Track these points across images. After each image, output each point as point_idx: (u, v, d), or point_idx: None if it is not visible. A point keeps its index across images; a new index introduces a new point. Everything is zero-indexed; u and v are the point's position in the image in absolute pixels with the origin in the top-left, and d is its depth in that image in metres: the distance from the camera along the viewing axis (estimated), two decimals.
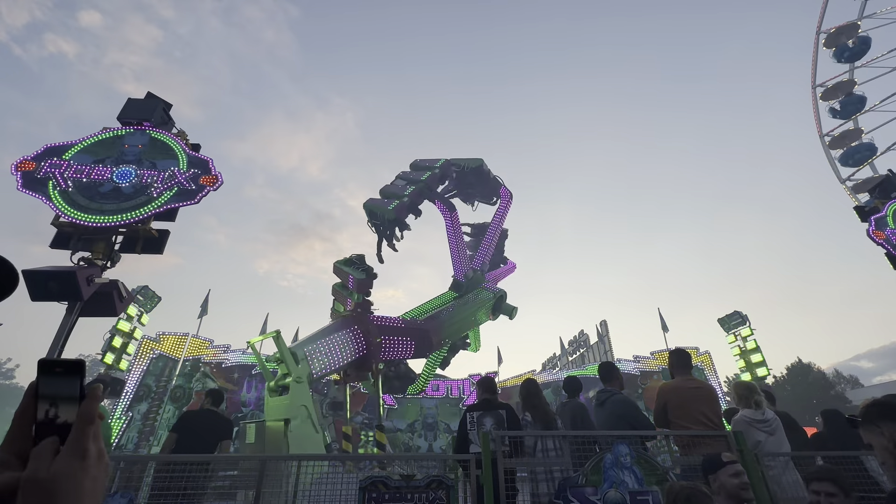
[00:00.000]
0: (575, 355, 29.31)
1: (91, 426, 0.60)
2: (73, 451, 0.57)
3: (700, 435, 4.01)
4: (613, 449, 3.56)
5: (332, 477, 3.68)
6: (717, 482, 2.71)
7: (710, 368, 19.19)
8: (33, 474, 0.54)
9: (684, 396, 4.41)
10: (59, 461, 0.56)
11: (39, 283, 4.76)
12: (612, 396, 4.83)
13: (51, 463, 0.56)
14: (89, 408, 0.61)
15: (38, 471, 0.55)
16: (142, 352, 15.36)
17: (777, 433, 4.04)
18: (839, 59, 27.68)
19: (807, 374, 44.67)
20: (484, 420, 4.72)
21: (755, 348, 17.42)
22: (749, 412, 4.16)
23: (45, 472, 0.55)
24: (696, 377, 4.80)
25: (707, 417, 4.26)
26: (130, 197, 5.89)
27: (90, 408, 0.61)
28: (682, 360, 4.72)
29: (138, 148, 6.41)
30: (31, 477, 0.54)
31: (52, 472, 0.55)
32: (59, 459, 0.56)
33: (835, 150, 28.83)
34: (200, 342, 17.05)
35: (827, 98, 28.57)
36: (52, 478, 0.54)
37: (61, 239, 5.69)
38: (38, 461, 0.56)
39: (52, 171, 5.93)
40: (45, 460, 0.56)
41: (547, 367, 32.99)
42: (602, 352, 25.16)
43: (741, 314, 18.09)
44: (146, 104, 6.80)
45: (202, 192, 6.10)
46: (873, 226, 8.55)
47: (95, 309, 5.23)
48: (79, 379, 0.63)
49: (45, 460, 0.56)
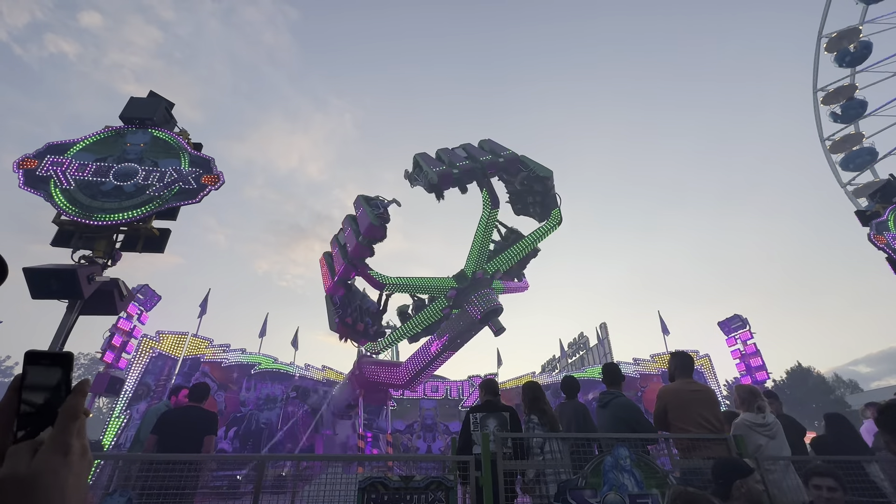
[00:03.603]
0: (575, 357, 29.28)
1: (75, 421, 0.58)
2: (56, 447, 0.56)
3: (700, 438, 4.00)
4: (613, 451, 3.55)
5: (332, 478, 3.67)
6: (746, 487, 2.73)
7: (710, 372, 19.15)
8: (12, 471, 0.53)
9: (684, 399, 4.39)
10: (40, 457, 0.54)
11: (40, 281, 4.76)
12: (616, 399, 4.81)
13: (30, 460, 0.54)
14: (74, 402, 0.59)
15: (16, 467, 0.53)
16: (141, 350, 15.34)
17: (778, 437, 4.03)
18: (840, 64, 27.69)
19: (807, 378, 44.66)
20: (487, 422, 4.71)
21: (755, 352, 17.40)
22: (750, 416, 4.15)
23: (24, 469, 0.53)
24: (697, 381, 4.78)
25: (707, 421, 4.24)
26: (132, 195, 5.89)
27: (76, 402, 0.59)
28: (683, 363, 4.71)
29: (140, 146, 6.41)
30: (10, 474, 0.52)
31: (32, 468, 0.53)
32: (40, 455, 0.55)
33: (836, 154, 28.85)
34: (200, 341, 17.03)
35: (828, 102, 28.59)
36: (32, 474, 0.53)
37: (62, 237, 5.68)
38: (15, 458, 0.54)
39: (54, 169, 5.93)
40: (23, 457, 0.54)
41: (546, 369, 32.96)
42: (602, 354, 25.14)
43: (741, 317, 18.06)
44: (149, 103, 6.80)
45: (203, 191, 6.10)
46: (874, 230, 8.54)
47: (96, 307, 5.22)
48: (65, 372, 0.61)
49: (24, 457, 0.54)
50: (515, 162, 12.97)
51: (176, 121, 7.06)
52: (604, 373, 5.19)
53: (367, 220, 10.76)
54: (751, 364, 17.35)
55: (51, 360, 0.61)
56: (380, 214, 10.92)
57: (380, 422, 17.66)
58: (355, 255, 11.24)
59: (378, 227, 10.74)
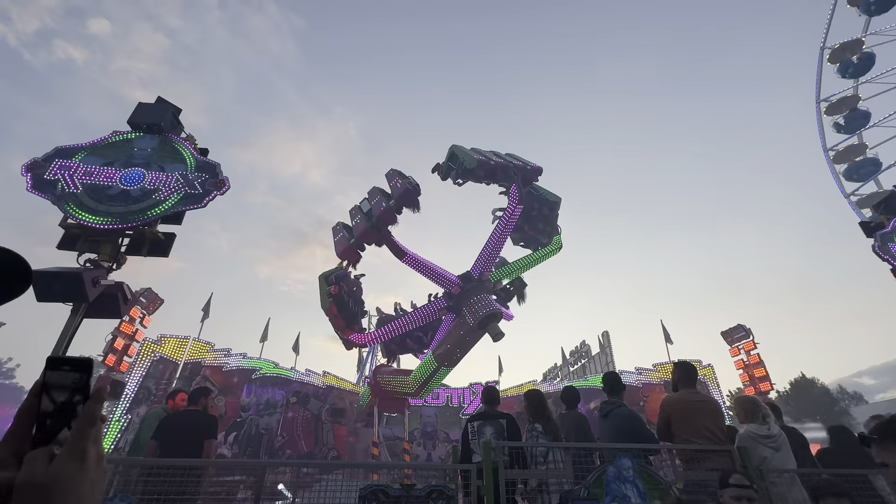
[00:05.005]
0: (576, 366, 29.13)
1: (93, 428, 0.59)
2: (73, 453, 0.56)
3: (704, 449, 3.97)
4: (616, 462, 3.53)
5: (332, 485, 3.64)
6: (722, 499, 2.83)
7: (713, 382, 19.00)
8: (30, 476, 0.53)
9: (688, 410, 4.36)
10: (57, 463, 0.55)
11: (45, 283, 4.79)
12: (617, 409, 4.78)
13: (47, 465, 0.55)
14: (93, 409, 0.60)
15: (34, 473, 0.54)
16: (143, 354, 15.35)
17: (783, 449, 3.99)
18: (843, 75, 27.78)
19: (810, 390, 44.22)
20: (484, 429, 4.69)
21: (759, 362, 17.26)
22: (754, 427, 4.11)
23: (42, 475, 0.54)
24: (700, 391, 4.74)
25: (711, 432, 4.20)
26: (138, 200, 5.95)
27: (94, 409, 0.60)
28: (687, 373, 4.68)
29: (147, 151, 6.48)
30: (28, 479, 0.53)
31: (49, 474, 0.54)
32: (57, 461, 0.55)
33: (839, 164, 28.83)
34: (202, 345, 17.03)
35: (831, 113, 28.62)
36: (49, 480, 0.53)
37: (68, 240, 5.73)
38: (33, 463, 0.55)
39: (62, 173, 6.00)
40: (40, 463, 0.55)
41: (548, 377, 32.76)
42: (604, 363, 25.02)
43: (745, 327, 17.95)
44: (156, 108, 6.88)
45: (209, 196, 6.15)
46: (878, 241, 8.52)
47: (100, 310, 5.25)
48: (86, 378, 0.62)
49: (41, 463, 0.55)
50: (538, 173, 13.25)
51: (183, 126, 7.14)
52: (605, 382, 5.16)
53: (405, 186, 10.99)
54: (754, 374, 17.22)
55: (71, 366, 0.62)
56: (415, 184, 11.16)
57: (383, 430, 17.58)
58: (382, 219, 11.28)
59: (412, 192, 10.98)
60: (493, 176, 12.31)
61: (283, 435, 16.70)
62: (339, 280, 12.27)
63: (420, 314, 13.18)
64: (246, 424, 16.30)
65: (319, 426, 17.86)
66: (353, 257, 12.25)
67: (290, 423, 17.14)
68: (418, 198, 11.30)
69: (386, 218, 11.34)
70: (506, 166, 12.30)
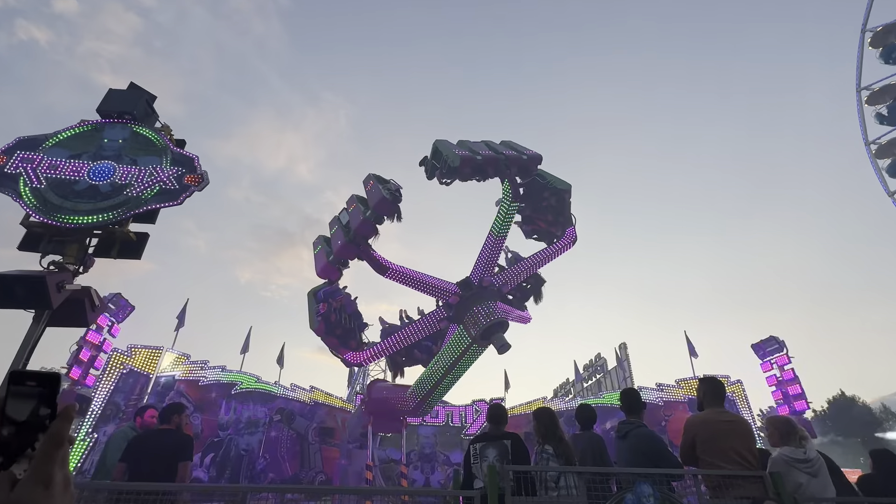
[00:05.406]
0: (591, 381, 29.11)
1: (59, 450, 0.59)
2: (38, 478, 0.56)
3: (733, 475, 3.96)
4: (635, 488, 3.52)
5: None
6: None
7: (742, 400, 18.96)
8: None
9: (715, 431, 4.34)
10: (20, 489, 0.55)
11: (5, 288, 4.79)
12: (636, 429, 4.77)
13: (9, 491, 0.54)
14: (60, 429, 0.60)
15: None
16: (111, 366, 15.35)
17: (820, 474, 3.98)
18: (887, 61, 27.80)
19: (850, 409, 44.11)
20: (487, 452, 4.68)
21: (794, 378, 17.22)
22: (789, 450, 4.10)
23: (4, 500, 0.53)
24: (728, 410, 4.73)
25: (741, 455, 4.19)
26: (108, 196, 5.96)
27: (61, 429, 0.60)
28: (714, 389, 4.67)
29: (118, 143, 6.50)
30: None
31: (11, 501, 0.54)
32: (20, 486, 0.55)
33: (882, 159, 28.80)
34: (176, 357, 17.03)
35: (873, 102, 28.63)
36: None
37: (30, 240, 5.74)
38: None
39: (24, 167, 6.01)
40: (2, 489, 0.54)
41: (559, 393, 32.77)
42: (621, 378, 24.96)
43: (777, 339, 17.93)
44: (128, 95, 6.91)
45: (186, 192, 6.17)
46: None
47: (65, 318, 5.25)
48: (52, 395, 0.62)
49: (3, 489, 0.54)
50: (537, 161, 13.22)
51: (158, 115, 7.16)
52: (622, 400, 5.15)
53: (380, 195, 10.94)
54: (788, 392, 17.19)
55: (37, 381, 0.62)
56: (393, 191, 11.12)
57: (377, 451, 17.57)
58: (360, 232, 11.31)
59: (390, 201, 10.95)
60: (482, 172, 12.34)
61: (265, 456, 16.69)
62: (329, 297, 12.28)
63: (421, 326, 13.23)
64: (224, 445, 16.30)
65: (306, 447, 17.84)
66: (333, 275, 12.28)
67: (273, 444, 17.13)
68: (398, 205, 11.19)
69: (364, 231, 11.35)
70: (496, 160, 12.31)
